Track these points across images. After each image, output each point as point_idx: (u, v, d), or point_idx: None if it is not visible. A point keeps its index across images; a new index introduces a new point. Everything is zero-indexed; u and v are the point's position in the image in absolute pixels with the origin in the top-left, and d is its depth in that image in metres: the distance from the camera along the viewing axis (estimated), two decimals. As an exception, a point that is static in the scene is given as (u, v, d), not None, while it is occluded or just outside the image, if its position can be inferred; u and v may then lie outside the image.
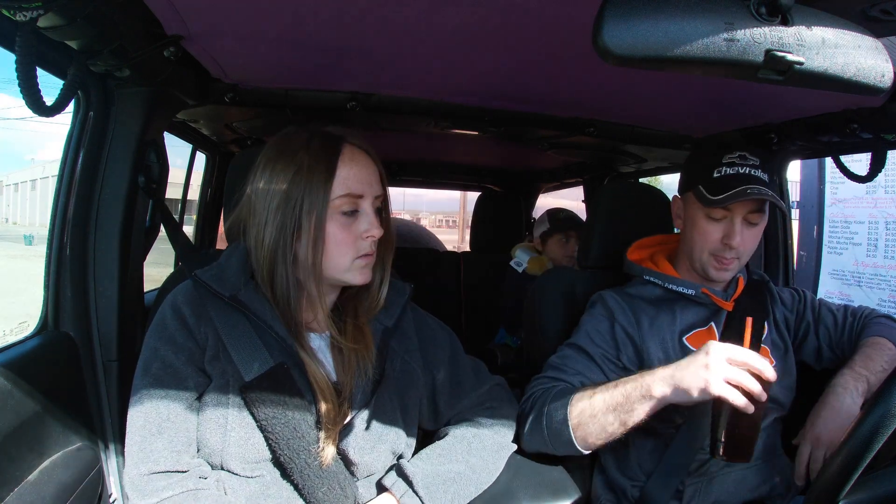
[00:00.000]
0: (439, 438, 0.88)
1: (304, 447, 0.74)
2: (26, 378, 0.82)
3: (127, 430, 0.74)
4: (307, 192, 0.75)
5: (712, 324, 1.07)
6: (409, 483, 0.77)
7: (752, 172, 0.99)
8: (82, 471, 0.90)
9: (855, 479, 0.60)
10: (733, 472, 1.03)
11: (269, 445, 0.74)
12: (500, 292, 2.21)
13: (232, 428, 0.73)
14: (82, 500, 0.89)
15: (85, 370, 0.99)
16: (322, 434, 0.75)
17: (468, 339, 2.35)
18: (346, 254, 0.78)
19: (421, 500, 0.76)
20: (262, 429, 0.74)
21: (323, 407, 0.76)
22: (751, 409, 0.77)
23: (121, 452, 0.99)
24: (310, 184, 0.75)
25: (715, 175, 1.00)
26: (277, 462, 0.75)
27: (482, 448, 0.85)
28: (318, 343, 0.83)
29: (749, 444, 0.82)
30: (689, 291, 1.06)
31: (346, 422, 0.79)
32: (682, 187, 1.10)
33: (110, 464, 0.99)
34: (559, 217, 2.14)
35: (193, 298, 0.79)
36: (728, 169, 0.99)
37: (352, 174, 0.77)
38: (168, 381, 0.74)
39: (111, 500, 0.99)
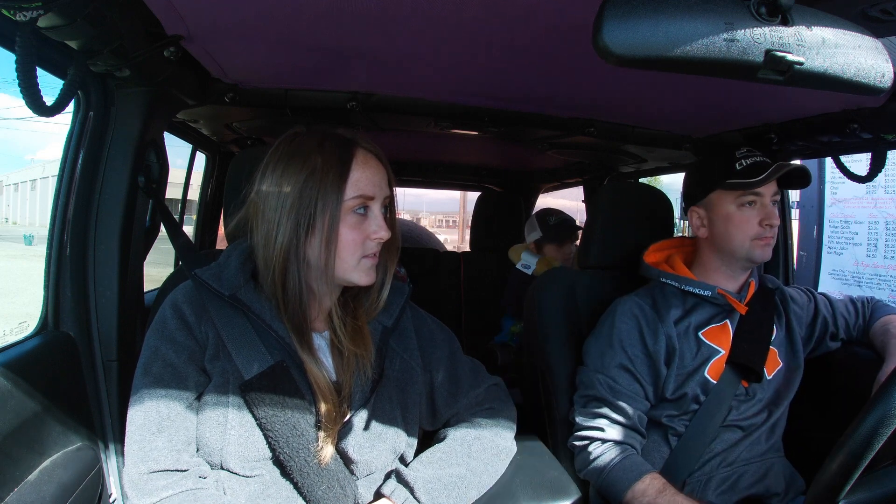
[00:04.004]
0: (439, 441, 0.88)
1: (303, 445, 0.74)
2: (26, 378, 0.82)
3: (126, 429, 0.74)
4: (321, 193, 0.76)
5: (727, 321, 1.09)
6: (411, 490, 0.77)
7: (766, 159, 1.07)
8: (82, 471, 0.90)
9: (855, 479, 0.60)
10: (732, 471, 1.04)
11: (268, 444, 0.74)
12: (501, 291, 2.20)
13: (231, 427, 0.73)
14: (82, 500, 0.88)
15: (85, 370, 0.99)
16: (321, 433, 0.75)
17: (468, 339, 2.36)
18: (354, 253, 0.79)
19: None
20: (261, 427, 0.74)
21: (322, 406, 0.76)
22: None
23: (121, 452, 0.99)
24: (324, 185, 0.76)
25: (738, 167, 1.06)
26: (277, 461, 0.75)
27: (483, 451, 0.85)
28: (319, 342, 0.83)
29: None
30: (706, 293, 1.08)
31: (345, 420, 0.79)
32: (702, 193, 1.12)
33: (110, 464, 0.99)
34: (549, 224, 2.11)
35: (194, 297, 0.79)
36: (746, 160, 1.07)
37: (364, 177, 0.78)
38: (168, 380, 0.74)
39: (111, 500, 0.99)
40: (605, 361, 1.07)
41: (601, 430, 1.03)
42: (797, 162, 1.05)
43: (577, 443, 1.06)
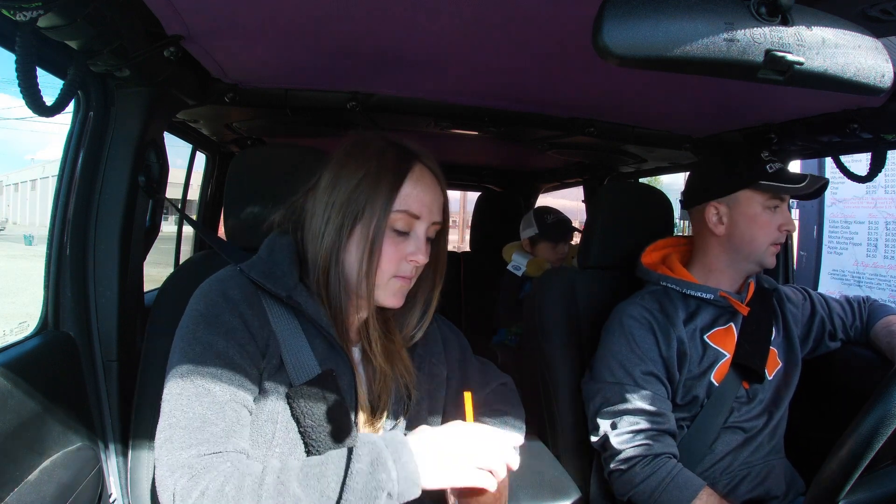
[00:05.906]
0: None
1: None
2: (26, 378, 0.82)
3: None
4: (369, 199, 0.73)
5: (731, 324, 1.09)
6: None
7: (784, 167, 1.08)
8: (82, 471, 0.90)
9: (855, 479, 0.60)
10: (734, 474, 1.03)
11: (307, 453, 0.71)
12: (498, 293, 2.20)
13: (277, 444, 0.70)
14: (82, 500, 0.88)
15: (85, 370, 0.99)
16: None
17: (468, 339, 2.35)
18: (386, 271, 0.75)
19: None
20: (303, 435, 0.70)
21: (361, 418, 0.75)
22: None
23: (121, 452, 0.99)
24: (374, 191, 0.73)
25: (769, 169, 1.06)
26: None
27: None
28: (357, 354, 0.81)
29: None
30: (708, 296, 1.08)
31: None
32: (727, 189, 1.08)
33: (110, 464, 0.99)
34: (546, 222, 2.09)
35: (249, 293, 0.73)
36: (774, 164, 1.07)
37: (414, 193, 0.75)
38: (231, 377, 0.68)
39: (111, 500, 0.99)
40: (629, 370, 1.03)
41: (647, 445, 0.98)
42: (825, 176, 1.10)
43: (622, 466, 0.99)
